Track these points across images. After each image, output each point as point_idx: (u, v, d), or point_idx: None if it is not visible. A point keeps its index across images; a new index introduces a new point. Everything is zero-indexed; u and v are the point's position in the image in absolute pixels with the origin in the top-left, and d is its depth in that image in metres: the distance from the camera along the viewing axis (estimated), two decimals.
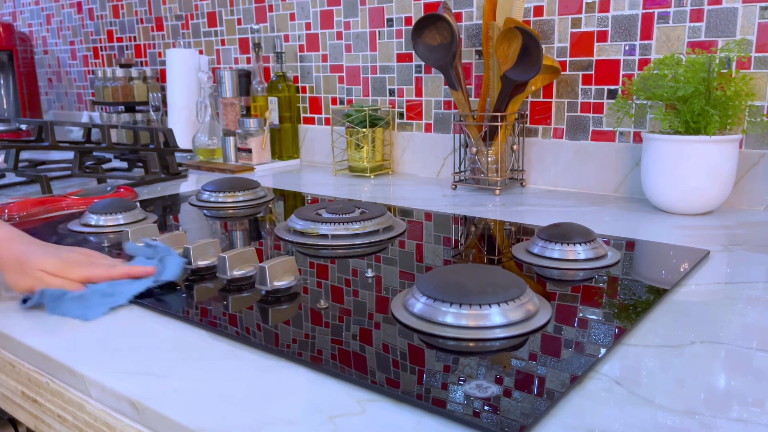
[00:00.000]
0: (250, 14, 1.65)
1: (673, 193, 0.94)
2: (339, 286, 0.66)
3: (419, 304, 0.55)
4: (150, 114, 1.82)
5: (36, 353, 0.54)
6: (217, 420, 0.42)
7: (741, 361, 0.48)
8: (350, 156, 1.39)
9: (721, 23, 0.99)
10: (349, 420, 0.41)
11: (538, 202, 1.08)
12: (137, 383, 0.47)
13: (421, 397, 0.43)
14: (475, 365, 0.47)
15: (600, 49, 1.11)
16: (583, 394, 0.44)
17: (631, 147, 1.10)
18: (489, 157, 1.18)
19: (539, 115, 1.20)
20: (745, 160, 0.99)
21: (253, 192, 1.11)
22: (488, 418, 0.40)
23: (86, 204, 1.08)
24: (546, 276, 0.69)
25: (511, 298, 0.54)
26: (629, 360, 0.49)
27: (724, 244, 0.80)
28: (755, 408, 0.42)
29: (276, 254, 0.79)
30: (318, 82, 1.55)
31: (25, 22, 2.44)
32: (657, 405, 0.42)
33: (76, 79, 2.29)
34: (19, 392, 0.58)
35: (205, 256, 0.70)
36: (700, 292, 0.64)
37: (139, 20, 1.98)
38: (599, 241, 0.74)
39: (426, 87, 1.36)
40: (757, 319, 0.57)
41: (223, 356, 0.51)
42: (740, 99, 0.92)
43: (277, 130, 1.56)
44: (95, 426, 0.49)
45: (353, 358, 0.49)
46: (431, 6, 1.31)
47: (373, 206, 0.91)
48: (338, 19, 1.47)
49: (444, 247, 0.80)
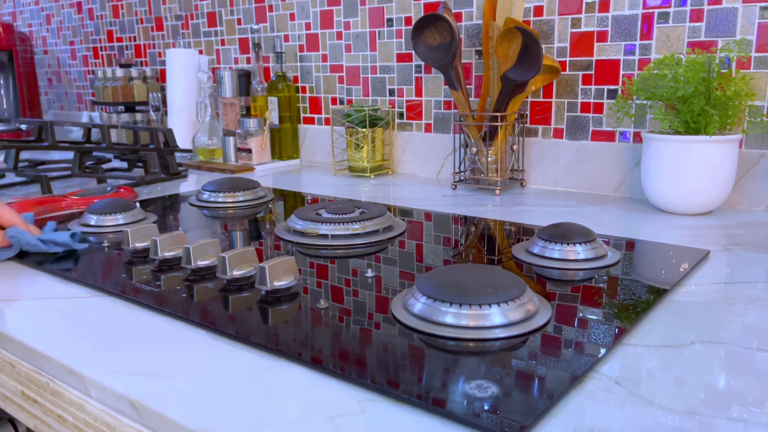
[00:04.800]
0: (250, 14, 1.65)
1: (673, 193, 0.94)
2: (339, 286, 0.66)
3: (419, 304, 0.55)
4: (150, 114, 1.82)
5: (36, 353, 0.54)
6: (217, 420, 0.42)
7: (741, 361, 0.48)
8: (350, 156, 1.39)
9: (721, 23, 0.99)
10: (349, 420, 0.41)
11: (538, 202, 1.08)
12: (137, 383, 0.47)
13: (421, 397, 0.43)
14: (475, 365, 0.47)
15: (600, 49, 1.11)
16: (583, 394, 0.44)
17: (631, 147, 1.10)
18: (489, 157, 1.18)
19: (539, 115, 1.20)
20: (745, 160, 0.99)
21: (253, 192, 1.11)
22: (488, 418, 0.40)
23: (86, 204, 1.08)
24: (546, 276, 0.69)
25: (511, 298, 0.54)
26: (629, 360, 0.49)
27: (724, 244, 0.80)
28: (755, 408, 0.42)
29: (276, 254, 0.79)
30: (318, 82, 1.55)
31: (25, 22, 2.44)
32: (657, 405, 0.42)
33: (76, 79, 2.29)
34: (19, 392, 0.58)
35: (205, 256, 0.70)
36: (700, 292, 0.64)
37: (139, 20, 1.98)
38: (599, 241, 0.74)
39: (426, 87, 1.36)
40: (757, 319, 0.57)
41: (223, 356, 0.51)
42: (740, 99, 0.92)
43: (277, 130, 1.56)
44: (95, 426, 0.49)
45: (353, 358, 0.49)
46: (431, 6, 1.31)
47: (373, 206, 0.91)
48: (338, 19, 1.47)
49: (444, 247, 0.80)
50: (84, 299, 0.65)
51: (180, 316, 0.59)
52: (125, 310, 0.62)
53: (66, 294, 0.67)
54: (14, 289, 0.70)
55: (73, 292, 0.67)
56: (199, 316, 0.58)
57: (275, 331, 0.55)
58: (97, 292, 0.67)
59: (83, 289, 0.68)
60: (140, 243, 0.77)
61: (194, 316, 0.58)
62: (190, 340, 0.54)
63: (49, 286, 0.70)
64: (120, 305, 0.63)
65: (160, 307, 0.61)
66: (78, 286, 0.69)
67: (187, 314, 0.59)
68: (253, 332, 0.54)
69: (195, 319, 0.58)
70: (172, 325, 0.58)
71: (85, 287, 0.69)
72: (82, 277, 0.70)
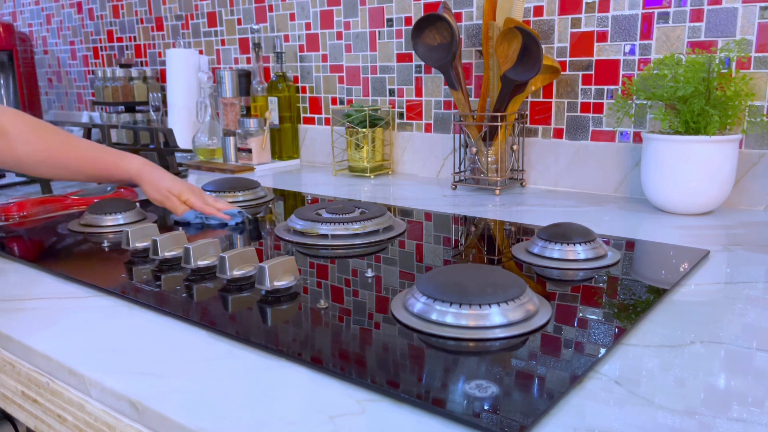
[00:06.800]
0: (250, 14, 1.65)
1: (673, 193, 0.94)
2: (339, 286, 0.66)
3: (419, 304, 0.55)
4: (150, 114, 1.82)
5: (36, 353, 0.54)
6: (217, 420, 0.42)
7: (741, 361, 0.48)
8: (350, 156, 1.39)
9: (721, 23, 0.99)
10: (349, 420, 0.41)
11: (538, 202, 1.08)
12: (137, 383, 0.47)
13: (421, 397, 0.43)
14: (475, 365, 0.47)
15: (600, 49, 1.11)
16: (583, 394, 0.44)
17: (631, 147, 1.10)
18: (489, 157, 1.18)
19: (539, 115, 1.20)
20: (745, 160, 0.99)
21: (253, 192, 1.11)
22: (488, 418, 0.40)
23: (86, 204, 1.08)
24: (546, 276, 0.69)
25: (511, 298, 0.54)
26: (629, 360, 0.49)
27: (724, 244, 0.80)
28: (755, 408, 0.42)
29: (276, 254, 0.79)
30: (318, 82, 1.55)
31: (25, 22, 2.44)
32: (657, 405, 0.42)
33: (76, 79, 2.29)
34: (19, 392, 0.58)
35: (205, 256, 0.70)
36: (700, 292, 0.64)
37: (139, 20, 1.98)
38: (599, 241, 0.74)
39: (426, 87, 1.36)
40: (756, 319, 0.57)
41: (223, 356, 0.51)
42: (740, 99, 0.92)
43: (277, 130, 1.56)
44: (95, 426, 0.49)
45: (353, 358, 0.49)
46: (431, 6, 1.31)
47: (373, 206, 0.91)
48: (338, 19, 1.47)
49: (444, 247, 0.80)
50: (84, 299, 0.65)
51: (180, 316, 0.59)
52: (125, 310, 0.62)
53: (66, 294, 0.67)
54: (14, 289, 0.70)
55: (73, 292, 0.67)
56: (199, 316, 0.58)
57: (275, 331, 0.55)
58: (97, 292, 0.67)
59: (83, 289, 0.68)
60: (140, 243, 0.77)
61: (194, 316, 0.59)
62: (190, 340, 0.55)
63: (49, 286, 0.70)
64: (120, 305, 0.63)
65: (160, 307, 0.61)
66: (78, 286, 0.69)
67: (187, 314, 0.59)
68: (253, 332, 0.54)
69: (195, 319, 0.58)
70: (172, 325, 0.58)
71: (85, 287, 0.69)
72: (82, 277, 0.70)
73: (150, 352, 0.53)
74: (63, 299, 0.66)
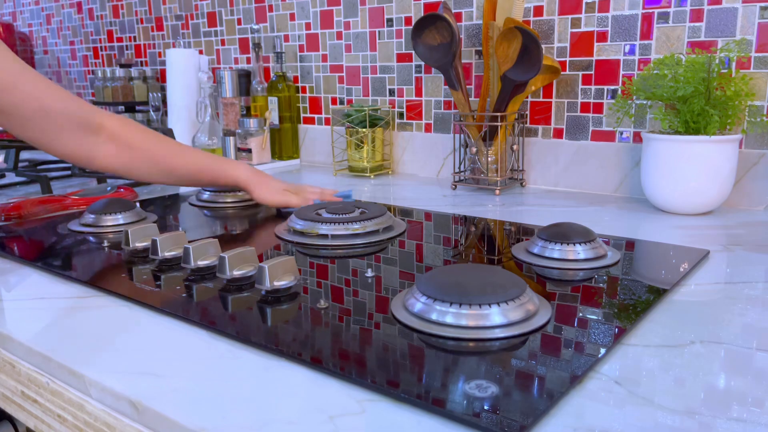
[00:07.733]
0: (250, 14, 1.65)
1: (673, 193, 0.94)
2: (339, 286, 0.66)
3: (419, 304, 0.55)
4: (150, 114, 1.82)
5: (36, 353, 0.54)
6: (217, 420, 0.42)
7: (741, 361, 0.48)
8: (350, 156, 1.39)
9: (721, 23, 0.99)
10: (349, 420, 0.41)
11: (538, 202, 1.08)
12: (137, 383, 0.47)
13: (421, 397, 0.43)
14: (475, 365, 0.47)
15: (600, 49, 1.11)
16: (583, 394, 0.44)
17: (631, 147, 1.10)
18: (489, 157, 1.18)
19: (539, 115, 1.20)
20: (745, 160, 0.99)
21: None
22: (488, 418, 0.40)
23: (86, 204, 1.08)
24: (546, 276, 0.69)
25: (511, 298, 0.54)
26: (629, 360, 0.49)
27: (724, 244, 0.80)
28: (755, 408, 0.42)
29: (276, 254, 0.79)
30: (318, 82, 1.55)
31: (25, 22, 2.44)
32: (657, 405, 0.42)
33: (76, 79, 2.29)
34: (19, 392, 0.58)
35: (205, 256, 0.70)
36: (700, 292, 0.64)
37: (139, 20, 1.98)
38: (599, 241, 0.74)
39: (426, 87, 1.36)
40: (757, 319, 0.57)
41: (223, 356, 0.51)
42: (740, 99, 0.92)
43: (277, 130, 1.56)
44: (95, 426, 0.49)
45: (353, 358, 0.49)
46: (431, 6, 1.31)
47: (373, 206, 0.91)
48: (338, 19, 1.47)
49: (444, 247, 0.80)
50: (84, 299, 0.65)
51: (180, 316, 0.59)
52: (125, 310, 0.62)
53: (66, 294, 0.67)
54: (15, 288, 0.70)
55: (73, 292, 0.67)
56: (199, 315, 0.58)
57: (275, 331, 0.55)
58: (97, 292, 0.67)
59: (83, 289, 0.68)
60: (140, 243, 0.77)
61: (194, 316, 0.58)
62: (190, 340, 0.54)
63: (50, 286, 0.70)
64: (120, 305, 0.63)
65: (160, 307, 0.61)
66: (78, 286, 0.69)
67: (187, 314, 0.59)
68: (253, 332, 0.54)
69: (195, 319, 0.58)
70: (172, 324, 0.58)
71: (85, 287, 0.69)
72: (82, 277, 0.70)
73: (150, 352, 0.53)
74: (63, 299, 0.66)
